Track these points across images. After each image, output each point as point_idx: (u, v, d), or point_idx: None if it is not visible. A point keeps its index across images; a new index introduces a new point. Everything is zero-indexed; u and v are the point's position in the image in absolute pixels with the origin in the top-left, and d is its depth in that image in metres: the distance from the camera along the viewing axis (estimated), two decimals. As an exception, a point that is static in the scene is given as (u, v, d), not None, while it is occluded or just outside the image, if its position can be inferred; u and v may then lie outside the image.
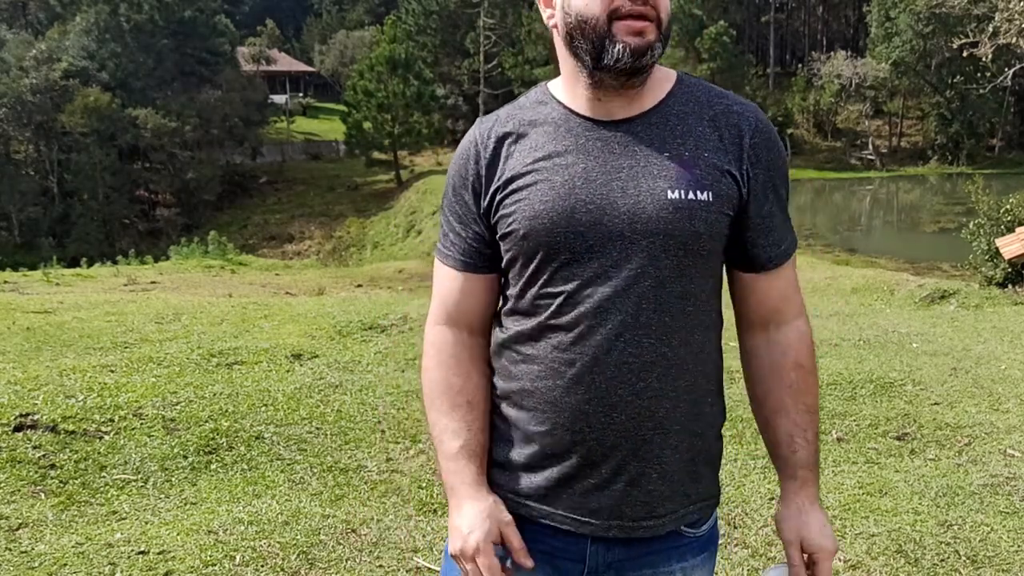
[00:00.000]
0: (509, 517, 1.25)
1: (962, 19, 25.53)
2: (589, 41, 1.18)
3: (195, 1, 39.39)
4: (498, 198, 1.24)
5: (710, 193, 1.19)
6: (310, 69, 56.03)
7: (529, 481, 1.26)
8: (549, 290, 1.21)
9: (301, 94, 54.30)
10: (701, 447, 1.27)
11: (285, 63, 52.49)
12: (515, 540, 1.24)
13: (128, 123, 33.55)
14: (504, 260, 1.26)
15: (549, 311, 1.21)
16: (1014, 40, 16.85)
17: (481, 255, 1.29)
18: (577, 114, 1.23)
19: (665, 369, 1.20)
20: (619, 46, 1.16)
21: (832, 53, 42.56)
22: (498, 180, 1.25)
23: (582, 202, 1.18)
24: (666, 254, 1.18)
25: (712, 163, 1.20)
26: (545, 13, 1.25)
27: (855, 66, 40.44)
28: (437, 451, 1.31)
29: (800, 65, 48.59)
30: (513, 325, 1.26)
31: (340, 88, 48.16)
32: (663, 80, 1.26)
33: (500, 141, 1.26)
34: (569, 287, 1.19)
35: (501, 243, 1.25)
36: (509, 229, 1.23)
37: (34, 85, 32.10)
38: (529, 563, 1.24)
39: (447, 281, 1.33)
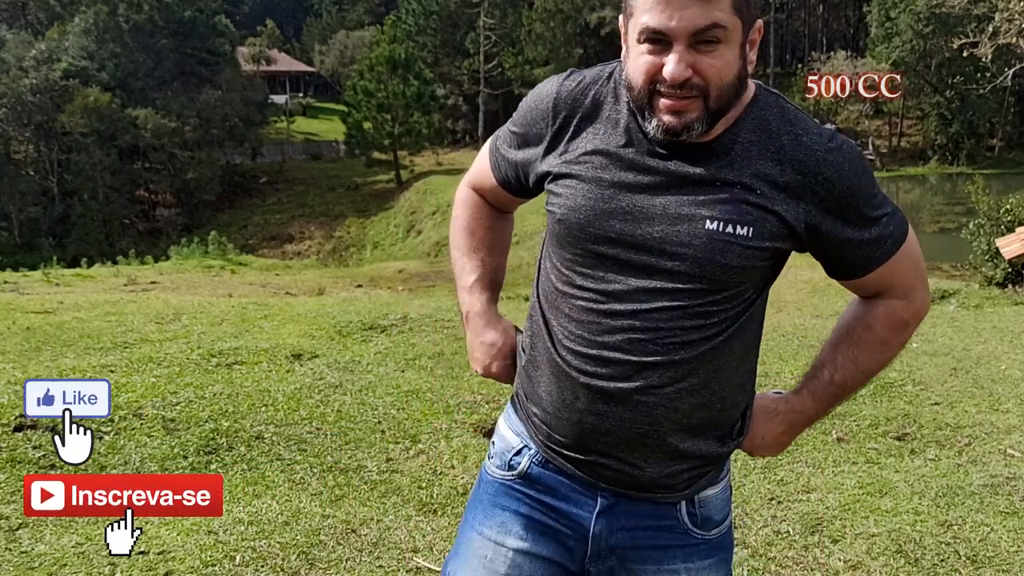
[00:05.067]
0: (513, 339, 1.42)
1: (962, 19, 25.54)
2: (635, 104, 1.20)
3: (195, 1, 39.35)
4: (554, 172, 1.27)
5: (750, 229, 1.18)
6: (310, 69, 55.99)
7: (540, 428, 1.34)
8: (573, 280, 1.25)
9: (301, 94, 54.30)
10: (708, 449, 1.28)
11: (285, 63, 52.46)
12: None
13: (128, 123, 33.52)
14: (549, 229, 1.31)
15: (569, 301, 1.25)
16: (1014, 40, 16.86)
17: (511, 185, 1.42)
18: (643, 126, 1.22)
19: (667, 371, 1.21)
20: (655, 121, 1.16)
21: (832, 53, 42.53)
22: (559, 155, 1.27)
23: (620, 211, 1.19)
24: (690, 279, 1.19)
25: (761, 201, 1.19)
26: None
27: (855, 66, 40.41)
28: (456, 286, 1.48)
29: (800, 65, 48.55)
30: (545, 296, 1.31)
31: (340, 88, 48.13)
32: (739, 101, 1.22)
33: (573, 112, 1.27)
34: (590, 284, 1.23)
35: (549, 214, 1.30)
36: (551, 208, 1.27)
37: (34, 85, 32.07)
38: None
39: (486, 176, 1.45)
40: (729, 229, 1.17)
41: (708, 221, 1.17)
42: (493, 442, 1.42)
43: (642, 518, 1.30)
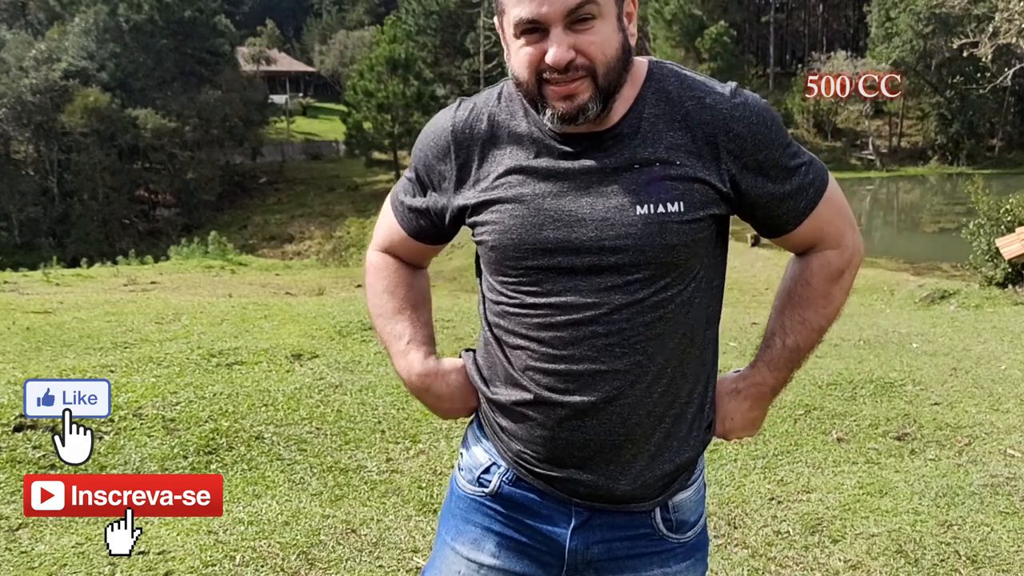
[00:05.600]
0: (465, 369, 1.35)
1: (962, 19, 25.54)
2: (527, 99, 1.19)
3: (195, 1, 39.34)
4: (473, 203, 1.24)
5: (681, 203, 1.17)
6: (310, 69, 55.99)
7: (510, 446, 1.30)
8: (523, 300, 1.22)
9: (301, 94, 54.28)
10: (681, 448, 1.27)
11: (285, 63, 52.45)
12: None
13: (128, 123, 33.52)
14: (482, 260, 1.28)
15: (523, 321, 1.22)
16: (1014, 40, 16.88)
17: (426, 233, 1.36)
18: (546, 127, 1.20)
19: (638, 376, 1.20)
20: (549, 111, 1.15)
21: (832, 53, 42.52)
22: (471, 186, 1.25)
23: (551, 218, 1.18)
24: (637, 268, 1.17)
25: (683, 172, 1.18)
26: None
27: (855, 66, 40.41)
28: (390, 356, 1.38)
29: (800, 65, 48.54)
30: (496, 321, 1.27)
31: (340, 88, 48.12)
32: (634, 78, 1.21)
33: (473, 140, 1.24)
34: (541, 300, 1.20)
35: (479, 246, 1.27)
36: (480, 239, 1.24)
37: (34, 85, 32.06)
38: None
39: (395, 232, 1.39)
40: (661, 208, 1.16)
41: (638, 206, 1.16)
42: (461, 453, 1.38)
43: (617, 529, 1.28)
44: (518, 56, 1.15)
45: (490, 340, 1.28)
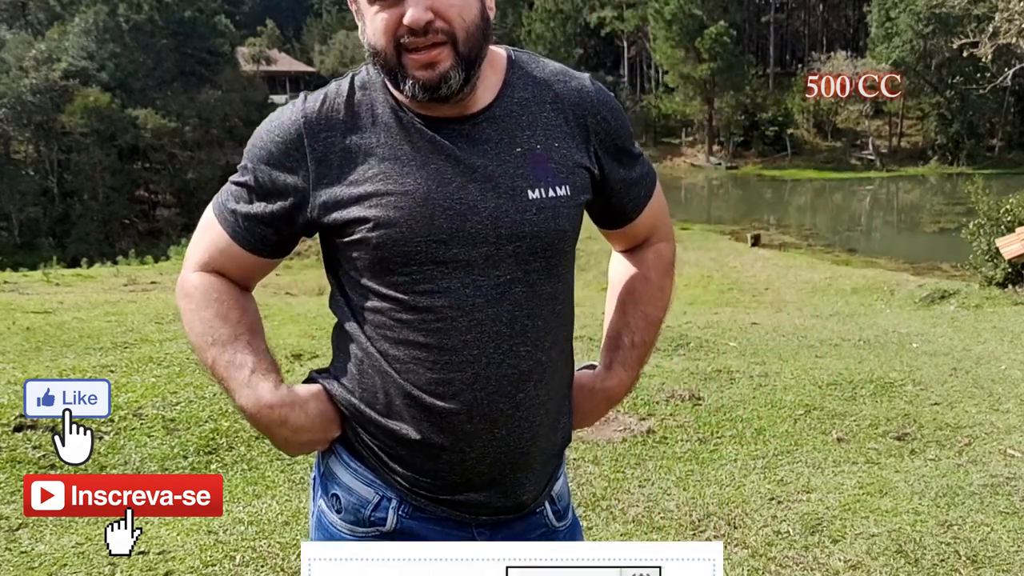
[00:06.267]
0: (324, 393, 1.20)
1: (962, 19, 25.52)
2: (386, 72, 1.11)
3: (195, 1, 39.39)
4: (344, 198, 1.12)
5: (567, 187, 1.15)
6: (310, 69, 55.97)
7: (405, 476, 1.19)
8: (417, 302, 1.11)
9: (301, 94, 54.28)
10: (562, 440, 1.27)
11: (285, 63, 52.46)
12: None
13: (128, 123, 33.55)
14: (356, 264, 1.15)
15: (418, 327, 1.12)
16: (1014, 40, 16.89)
17: (265, 244, 1.20)
18: (414, 112, 1.13)
19: (540, 375, 1.16)
20: (409, 82, 1.08)
21: (832, 53, 42.54)
22: (337, 183, 1.12)
23: (441, 207, 1.09)
24: (535, 257, 1.13)
25: (564, 154, 1.16)
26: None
27: (855, 66, 40.44)
28: (228, 391, 1.17)
29: (800, 65, 48.57)
30: (380, 333, 1.15)
31: (340, 88, 48.07)
32: (495, 65, 1.17)
33: (332, 131, 1.13)
34: (438, 301, 1.10)
35: (349, 249, 1.14)
36: (359, 237, 1.11)
37: (34, 85, 32.08)
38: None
39: (224, 247, 1.20)
40: (551, 192, 1.13)
41: (529, 190, 1.12)
42: (334, 495, 1.22)
43: (518, 538, 1.24)
44: (374, 23, 1.08)
45: (372, 356, 1.15)
